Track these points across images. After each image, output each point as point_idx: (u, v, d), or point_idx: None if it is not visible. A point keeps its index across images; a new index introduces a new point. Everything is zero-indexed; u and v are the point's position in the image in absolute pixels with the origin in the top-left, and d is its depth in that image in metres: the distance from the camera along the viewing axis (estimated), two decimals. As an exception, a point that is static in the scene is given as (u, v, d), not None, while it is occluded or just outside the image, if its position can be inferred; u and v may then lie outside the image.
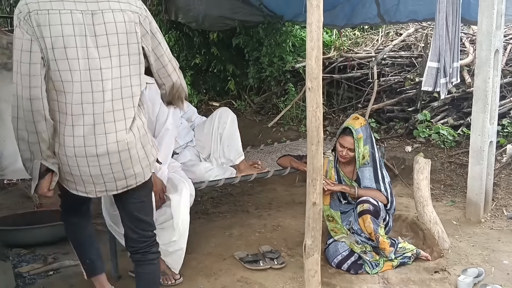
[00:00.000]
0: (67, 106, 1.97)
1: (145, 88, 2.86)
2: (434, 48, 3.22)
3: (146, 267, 2.33)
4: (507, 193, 4.06)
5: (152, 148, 2.21)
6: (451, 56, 3.22)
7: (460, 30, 3.32)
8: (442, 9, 3.12)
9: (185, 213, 2.88)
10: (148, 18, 2.14)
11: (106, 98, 2.00)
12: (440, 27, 3.14)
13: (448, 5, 3.11)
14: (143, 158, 2.14)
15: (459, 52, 3.38)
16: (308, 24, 2.27)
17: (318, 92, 2.34)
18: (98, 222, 3.90)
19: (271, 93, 6.82)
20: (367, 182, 3.13)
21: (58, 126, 1.99)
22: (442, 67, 3.18)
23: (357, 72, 6.27)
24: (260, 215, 4.06)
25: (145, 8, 2.16)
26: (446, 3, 3.10)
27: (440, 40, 3.14)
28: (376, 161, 3.14)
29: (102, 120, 2.01)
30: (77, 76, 1.94)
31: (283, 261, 3.11)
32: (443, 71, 3.19)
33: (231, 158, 3.50)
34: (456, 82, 3.35)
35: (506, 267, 3.01)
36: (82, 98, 1.97)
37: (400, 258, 3.04)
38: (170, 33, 7.21)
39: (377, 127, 5.55)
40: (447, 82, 3.23)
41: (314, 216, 2.45)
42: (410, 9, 4.93)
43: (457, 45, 3.28)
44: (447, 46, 3.16)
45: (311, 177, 2.41)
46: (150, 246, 2.32)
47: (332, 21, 5.88)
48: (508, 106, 4.89)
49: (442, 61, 3.15)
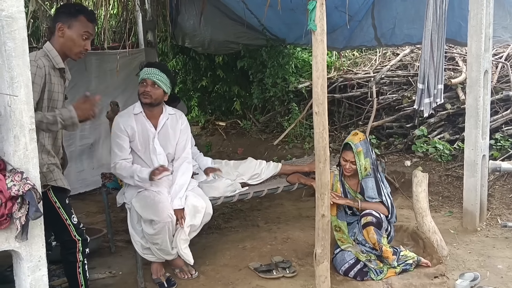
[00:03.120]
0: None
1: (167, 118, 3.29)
2: (420, 71, 3.53)
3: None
4: (501, 203, 4.32)
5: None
6: (436, 78, 3.52)
7: (444, 54, 3.63)
8: (427, 36, 3.43)
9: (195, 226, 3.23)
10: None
11: None
12: (425, 52, 3.46)
13: (433, 32, 3.43)
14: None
15: (443, 75, 3.68)
16: (314, 57, 2.58)
17: (324, 116, 2.64)
18: (118, 239, 4.19)
19: (275, 112, 7.12)
20: (370, 192, 3.39)
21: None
22: (426, 88, 3.48)
23: (357, 91, 6.58)
24: (270, 228, 4.31)
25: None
26: (431, 31, 3.41)
27: (424, 64, 3.46)
28: (376, 173, 3.41)
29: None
30: None
31: (294, 270, 3.37)
32: (427, 92, 3.49)
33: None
34: (440, 102, 3.64)
35: (500, 271, 3.27)
36: None
37: (403, 265, 3.29)
38: (178, 57, 7.54)
39: (378, 143, 5.83)
40: (431, 102, 3.52)
41: (323, 227, 2.73)
42: (405, 33, 5.22)
43: (441, 68, 3.59)
44: (431, 69, 3.47)
45: (319, 192, 2.69)
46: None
47: (332, 44, 6.18)
48: (500, 121, 5.17)
49: (425, 83, 3.46)
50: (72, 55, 2.63)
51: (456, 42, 5.11)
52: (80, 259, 2.68)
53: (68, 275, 2.76)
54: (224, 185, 3.63)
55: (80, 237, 2.67)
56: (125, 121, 3.29)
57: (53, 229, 2.72)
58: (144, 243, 3.17)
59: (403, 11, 5.05)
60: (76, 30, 2.57)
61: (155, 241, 3.11)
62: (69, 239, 2.65)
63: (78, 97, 2.57)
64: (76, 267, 2.68)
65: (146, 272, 3.36)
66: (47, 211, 2.48)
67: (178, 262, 3.31)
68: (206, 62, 7.40)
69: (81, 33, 2.58)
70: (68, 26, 2.56)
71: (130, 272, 3.50)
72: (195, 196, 3.27)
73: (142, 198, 3.17)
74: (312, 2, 2.48)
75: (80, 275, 2.70)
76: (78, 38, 2.58)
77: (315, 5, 2.48)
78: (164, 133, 3.38)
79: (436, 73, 3.49)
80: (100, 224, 4.51)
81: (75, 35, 2.57)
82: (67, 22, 2.56)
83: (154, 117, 3.36)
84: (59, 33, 2.57)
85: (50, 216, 2.49)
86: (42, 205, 2.42)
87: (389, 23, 5.30)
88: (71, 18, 2.56)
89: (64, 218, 2.62)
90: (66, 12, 2.60)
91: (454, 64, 6.30)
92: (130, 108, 3.40)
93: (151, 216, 3.07)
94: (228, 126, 7.57)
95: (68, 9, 2.64)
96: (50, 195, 2.55)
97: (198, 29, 6.56)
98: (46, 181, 2.49)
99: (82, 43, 2.60)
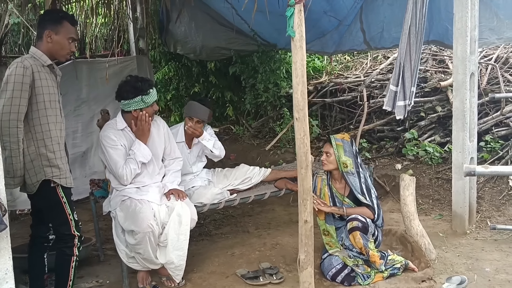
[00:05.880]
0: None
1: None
2: (395, 73, 3.53)
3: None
4: (491, 205, 4.31)
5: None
6: (411, 82, 3.53)
7: (420, 58, 3.65)
8: (404, 40, 3.45)
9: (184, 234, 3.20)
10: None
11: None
12: (401, 56, 3.46)
13: (412, 36, 3.44)
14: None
15: (417, 78, 3.71)
16: (293, 63, 2.58)
17: (305, 122, 2.63)
18: (108, 247, 4.18)
19: (267, 117, 7.12)
20: (358, 190, 3.39)
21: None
22: (400, 91, 3.49)
23: (348, 95, 6.58)
24: (260, 234, 4.30)
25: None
26: (409, 34, 3.43)
27: (400, 67, 3.46)
28: (360, 176, 3.40)
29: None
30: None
31: (281, 276, 3.36)
32: (402, 95, 3.49)
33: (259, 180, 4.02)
34: (412, 105, 3.65)
35: (488, 274, 3.25)
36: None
37: (390, 270, 3.28)
38: (170, 64, 7.56)
39: (369, 147, 5.82)
40: (406, 105, 3.52)
41: (306, 233, 2.72)
42: (393, 36, 5.22)
43: (416, 72, 3.60)
44: (408, 72, 3.48)
45: (302, 198, 2.69)
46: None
47: (322, 48, 6.21)
48: (490, 123, 5.16)
49: (400, 86, 3.47)
50: (60, 57, 2.85)
51: (443, 44, 5.12)
52: (76, 253, 2.85)
53: (60, 268, 2.88)
54: (213, 193, 3.65)
55: (78, 233, 2.85)
56: (114, 134, 3.29)
57: (54, 222, 2.87)
58: (128, 252, 3.18)
59: (391, 15, 5.07)
60: (62, 35, 2.78)
61: (138, 251, 3.12)
62: (69, 233, 2.82)
63: (69, 105, 2.77)
64: (71, 260, 2.84)
65: (133, 281, 3.36)
66: (52, 206, 2.77)
67: (164, 270, 3.30)
68: (199, 68, 7.42)
69: (67, 37, 2.80)
70: (55, 33, 2.77)
71: (117, 281, 3.49)
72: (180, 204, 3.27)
73: (124, 208, 3.18)
74: (290, 9, 2.49)
75: (73, 269, 2.86)
76: (65, 42, 2.80)
77: (293, 11, 2.48)
78: (152, 142, 3.41)
79: (412, 76, 3.50)
80: (91, 233, 4.49)
81: (62, 40, 2.79)
82: (54, 29, 2.77)
83: None
84: (48, 39, 2.76)
85: (54, 210, 2.78)
86: (49, 200, 2.74)
87: (378, 27, 5.32)
88: (57, 25, 2.78)
89: (68, 213, 2.81)
90: (51, 19, 2.79)
91: (444, 67, 6.30)
92: (112, 124, 3.37)
93: (132, 226, 3.08)
94: (221, 132, 7.57)
95: (52, 16, 2.83)
96: (58, 191, 2.77)
97: (190, 36, 6.58)
98: (53, 177, 2.72)
99: (68, 46, 2.83)
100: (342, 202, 3.48)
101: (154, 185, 3.39)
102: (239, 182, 3.94)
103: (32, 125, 2.68)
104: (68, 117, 5.67)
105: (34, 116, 2.68)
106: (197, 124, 3.77)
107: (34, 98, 2.66)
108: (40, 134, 2.69)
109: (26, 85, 2.60)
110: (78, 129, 5.77)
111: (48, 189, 2.72)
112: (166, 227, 3.17)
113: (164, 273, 3.32)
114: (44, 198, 2.76)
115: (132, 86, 3.26)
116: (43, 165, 2.69)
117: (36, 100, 2.67)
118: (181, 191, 3.44)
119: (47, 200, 2.76)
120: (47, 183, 2.71)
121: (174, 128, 3.93)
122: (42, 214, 2.89)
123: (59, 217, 2.79)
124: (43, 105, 2.69)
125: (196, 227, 4.57)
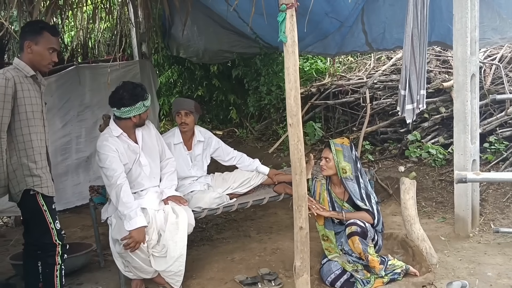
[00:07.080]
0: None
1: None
2: (402, 77, 3.50)
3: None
4: (495, 207, 4.25)
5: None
6: (418, 85, 3.49)
7: (426, 59, 3.60)
8: (408, 42, 3.41)
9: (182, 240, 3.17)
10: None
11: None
12: (406, 59, 3.43)
13: (415, 38, 3.40)
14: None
15: (425, 81, 3.67)
16: (286, 68, 2.56)
17: (299, 128, 2.61)
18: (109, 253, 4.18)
19: (271, 120, 7.11)
20: (357, 196, 3.36)
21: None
22: (408, 94, 3.45)
23: (351, 97, 6.53)
24: (261, 239, 4.28)
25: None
26: (412, 36, 3.39)
27: (405, 70, 3.43)
28: (359, 181, 3.37)
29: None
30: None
31: (280, 282, 3.33)
32: (410, 98, 3.46)
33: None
34: (423, 108, 3.62)
35: (490, 278, 3.20)
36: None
37: (391, 275, 3.24)
38: (173, 67, 7.57)
39: (372, 149, 5.78)
40: (414, 108, 3.49)
41: (302, 239, 2.70)
42: (395, 37, 5.18)
43: (424, 74, 3.56)
44: (413, 75, 3.44)
45: (296, 204, 2.67)
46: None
47: (325, 50, 6.19)
48: (495, 124, 5.10)
49: (406, 89, 3.44)
50: (41, 68, 2.86)
51: (445, 45, 5.06)
52: (58, 262, 2.84)
53: (44, 277, 2.89)
54: (212, 197, 3.63)
55: (60, 241, 2.83)
56: (112, 143, 3.28)
57: (35, 231, 2.85)
58: (123, 260, 3.18)
59: (392, 16, 5.03)
60: (42, 46, 2.80)
61: (126, 259, 3.11)
62: (50, 242, 2.81)
63: (72, 111, 2.77)
64: (54, 269, 2.84)
65: (130, 288, 3.36)
66: (33, 214, 2.78)
67: (161, 279, 3.29)
68: (202, 71, 7.43)
69: (47, 47, 2.81)
70: (35, 43, 2.78)
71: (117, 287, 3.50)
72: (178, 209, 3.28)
73: (116, 216, 3.19)
74: (281, 14, 2.47)
75: (57, 278, 2.85)
76: (45, 53, 2.81)
77: (284, 16, 2.47)
78: (146, 144, 3.45)
79: (418, 79, 3.46)
80: (92, 239, 4.51)
81: (42, 50, 2.80)
82: (33, 39, 2.78)
83: (132, 133, 3.40)
84: (28, 50, 2.78)
85: (35, 219, 2.78)
86: (30, 208, 2.75)
87: (379, 28, 5.28)
88: (36, 35, 2.78)
89: (49, 221, 2.80)
90: (31, 30, 2.81)
91: (447, 67, 6.24)
92: (108, 131, 3.37)
93: (117, 235, 3.08)
94: (225, 135, 7.57)
95: (32, 27, 2.84)
96: (38, 199, 2.77)
97: (192, 39, 6.60)
98: (34, 186, 2.74)
99: (49, 57, 2.83)
100: (342, 207, 3.44)
101: (152, 189, 3.40)
102: (238, 184, 3.92)
103: (14, 135, 2.71)
104: (72, 122, 5.74)
105: (16, 126, 2.71)
106: (187, 117, 3.80)
107: (16, 109, 2.69)
108: (22, 145, 2.72)
109: (9, 96, 2.64)
110: (81, 134, 5.81)
111: (29, 198, 2.75)
112: (163, 236, 3.17)
113: (161, 282, 3.31)
114: (26, 207, 2.80)
115: (132, 93, 3.29)
116: (24, 175, 2.72)
117: (18, 111, 2.69)
118: (180, 197, 3.44)
119: (29, 208, 2.79)
120: (29, 192, 2.74)
121: (170, 131, 3.94)
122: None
123: (40, 226, 2.79)
124: (25, 115, 2.72)
125: (198, 232, 4.60)
